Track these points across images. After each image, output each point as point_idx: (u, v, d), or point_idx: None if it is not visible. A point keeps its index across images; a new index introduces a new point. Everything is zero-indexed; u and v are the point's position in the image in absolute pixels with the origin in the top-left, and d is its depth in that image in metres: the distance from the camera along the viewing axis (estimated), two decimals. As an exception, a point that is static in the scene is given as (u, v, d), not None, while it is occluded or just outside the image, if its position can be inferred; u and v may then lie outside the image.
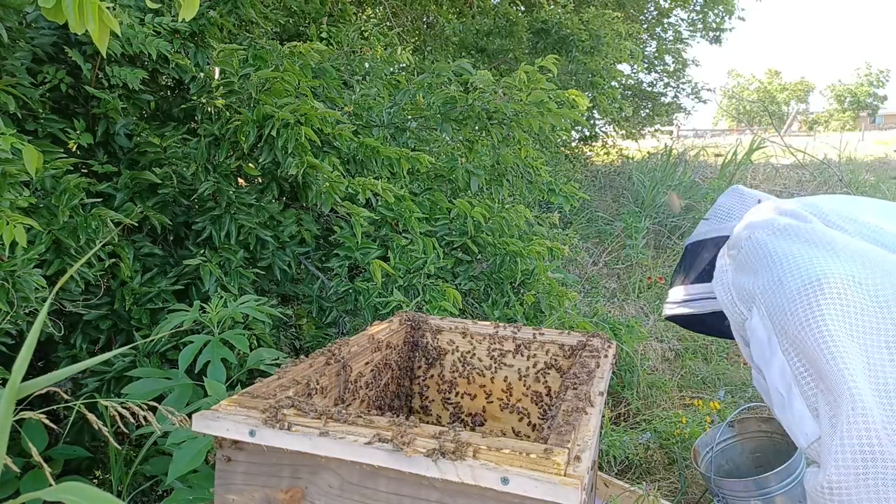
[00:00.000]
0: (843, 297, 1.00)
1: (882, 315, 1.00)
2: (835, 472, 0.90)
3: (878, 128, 34.45)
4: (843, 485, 0.90)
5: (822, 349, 0.96)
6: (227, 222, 2.37)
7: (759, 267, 1.15)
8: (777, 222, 1.19)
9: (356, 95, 3.22)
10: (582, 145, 9.69)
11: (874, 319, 1.00)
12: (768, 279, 1.11)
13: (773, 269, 1.11)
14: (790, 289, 1.05)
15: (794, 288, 1.04)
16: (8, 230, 1.51)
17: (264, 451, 1.04)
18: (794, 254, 1.10)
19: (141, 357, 2.07)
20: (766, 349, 1.09)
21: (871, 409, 0.90)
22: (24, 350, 0.84)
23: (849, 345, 0.97)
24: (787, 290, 1.06)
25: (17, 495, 1.32)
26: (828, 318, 0.98)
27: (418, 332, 1.80)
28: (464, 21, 7.66)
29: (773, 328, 1.07)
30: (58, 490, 0.77)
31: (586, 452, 0.98)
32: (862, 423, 0.89)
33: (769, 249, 1.15)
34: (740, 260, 1.22)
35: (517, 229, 3.10)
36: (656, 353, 4.18)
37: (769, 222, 1.21)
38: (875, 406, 0.91)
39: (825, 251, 1.09)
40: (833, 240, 1.11)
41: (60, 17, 1.24)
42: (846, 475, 0.90)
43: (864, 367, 0.95)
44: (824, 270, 1.04)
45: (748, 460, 2.53)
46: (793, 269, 1.08)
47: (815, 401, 0.98)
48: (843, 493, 0.90)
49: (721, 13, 11.02)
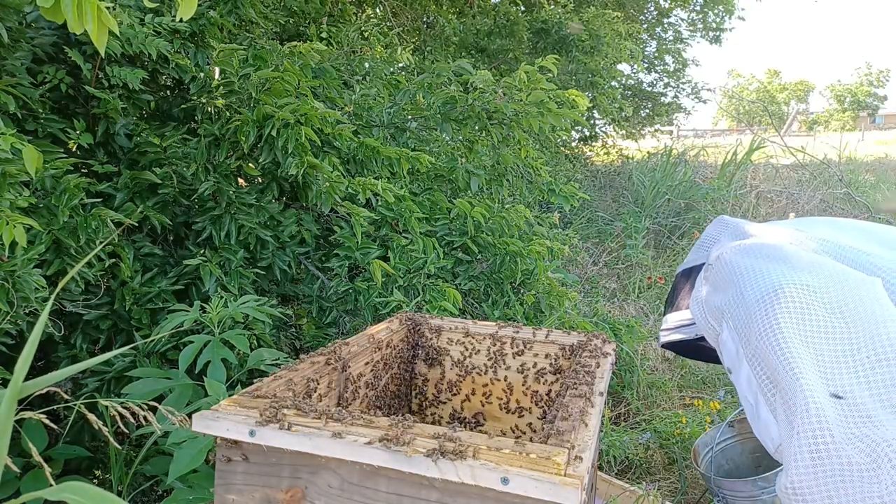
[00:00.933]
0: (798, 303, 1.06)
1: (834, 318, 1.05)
2: (795, 474, 0.93)
3: (878, 128, 34.45)
4: (805, 485, 0.92)
5: (777, 355, 1.01)
6: (227, 222, 2.37)
7: (726, 284, 1.22)
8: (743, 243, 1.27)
9: (356, 95, 3.22)
10: (582, 145, 9.69)
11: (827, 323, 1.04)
12: (733, 294, 1.18)
13: (736, 284, 1.18)
14: (750, 300, 1.12)
15: (754, 299, 1.11)
16: (8, 230, 1.51)
17: (264, 451, 1.04)
18: (754, 268, 1.17)
19: (141, 357, 2.07)
20: (735, 360, 1.14)
21: (824, 410, 0.93)
22: (26, 350, 0.84)
23: (802, 349, 1.01)
24: (747, 302, 1.12)
25: (17, 495, 1.32)
26: (783, 326, 1.04)
27: (418, 332, 1.80)
28: (464, 21, 7.66)
29: (739, 340, 1.13)
30: (59, 489, 0.77)
31: (586, 452, 0.98)
32: (816, 424, 0.92)
33: (734, 266, 1.22)
34: (712, 279, 1.29)
35: (517, 229, 3.10)
36: (656, 353, 4.18)
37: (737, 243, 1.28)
38: (829, 406, 0.94)
39: (782, 264, 1.15)
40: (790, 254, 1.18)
41: (59, 17, 1.24)
42: (806, 475, 0.92)
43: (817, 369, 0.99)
44: (780, 280, 1.10)
45: (748, 460, 2.53)
46: (752, 281, 1.15)
47: (776, 407, 1.01)
48: (805, 493, 0.92)
49: (721, 13, 11.02)
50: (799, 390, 0.95)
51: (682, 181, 7.85)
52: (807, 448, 0.92)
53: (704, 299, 1.29)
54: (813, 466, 0.91)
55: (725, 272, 1.23)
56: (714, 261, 1.29)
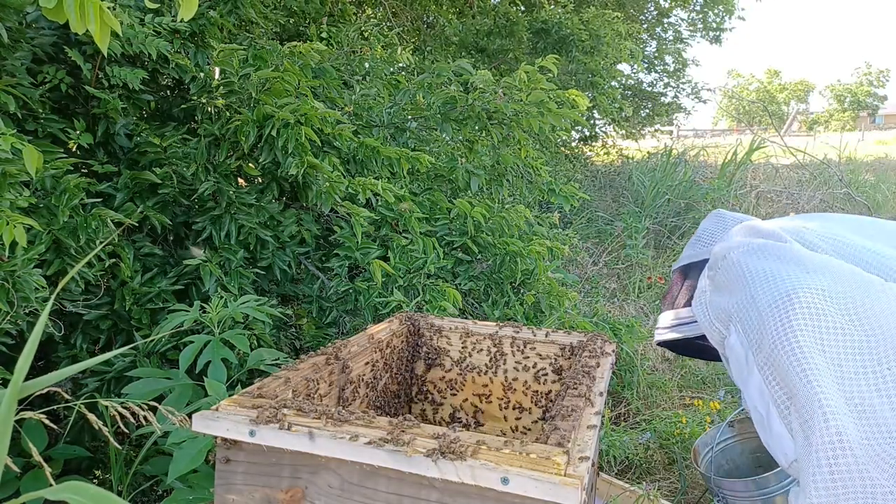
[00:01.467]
0: (814, 309, 1.01)
1: (853, 325, 1.00)
2: (815, 495, 0.90)
3: (878, 128, 34.49)
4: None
5: (794, 366, 0.96)
6: (227, 222, 2.37)
7: (734, 286, 1.17)
8: (752, 243, 1.21)
9: (356, 95, 3.22)
10: (582, 145, 9.69)
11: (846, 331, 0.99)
12: (742, 297, 1.12)
13: (746, 287, 1.13)
14: (763, 304, 1.07)
15: (767, 303, 1.06)
16: (8, 230, 1.51)
17: (264, 451, 1.04)
18: (766, 271, 1.12)
19: (141, 357, 2.07)
20: (744, 368, 1.10)
21: (845, 427, 0.89)
22: (26, 350, 0.84)
23: (820, 360, 0.96)
24: (759, 307, 1.07)
25: (17, 495, 1.32)
26: (799, 334, 0.99)
27: (418, 332, 1.80)
28: (464, 21, 7.66)
29: (749, 345, 1.08)
30: (60, 489, 0.77)
31: (586, 452, 0.98)
32: (837, 443, 0.89)
33: (743, 268, 1.16)
34: (718, 280, 1.24)
35: (517, 229, 3.10)
36: (656, 353, 4.18)
37: (745, 243, 1.23)
38: (850, 423, 0.90)
39: (796, 267, 1.10)
40: (804, 257, 1.12)
41: (61, 17, 1.24)
42: (826, 497, 0.89)
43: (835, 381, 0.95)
44: (794, 285, 1.05)
45: (748, 460, 2.52)
46: (765, 285, 1.09)
47: (790, 420, 0.98)
48: None
49: (721, 13, 11.02)
50: (817, 405, 0.92)
51: (682, 181, 7.85)
52: (826, 467, 0.89)
53: (709, 301, 1.25)
54: (834, 486, 0.88)
55: (733, 273, 1.19)
56: (720, 261, 1.25)
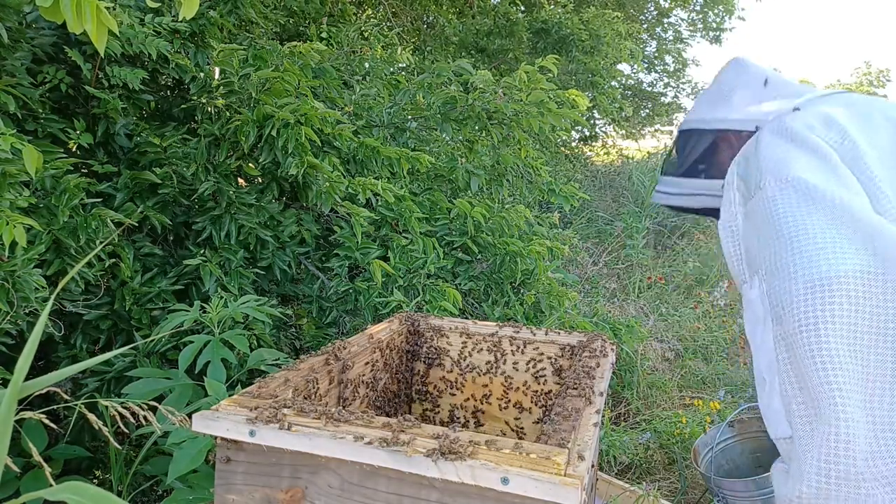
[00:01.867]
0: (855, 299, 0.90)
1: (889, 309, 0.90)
2: (806, 489, 0.90)
3: (878, 128, 34.35)
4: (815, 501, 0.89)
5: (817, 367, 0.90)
6: (227, 222, 2.37)
7: (766, 234, 1.02)
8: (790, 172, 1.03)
9: (356, 95, 3.23)
10: (582, 145, 9.70)
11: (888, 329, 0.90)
12: (774, 258, 0.99)
13: (780, 246, 0.98)
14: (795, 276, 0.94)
15: (803, 281, 0.93)
16: (8, 230, 1.51)
17: (264, 451, 1.04)
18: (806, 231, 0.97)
19: (141, 357, 2.07)
20: (759, 329, 1.02)
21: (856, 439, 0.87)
22: (26, 350, 0.84)
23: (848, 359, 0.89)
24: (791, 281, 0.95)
25: (17, 495, 1.32)
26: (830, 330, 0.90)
27: (418, 332, 1.80)
28: (464, 21, 7.66)
29: (771, 311, 0.98)
30: (59, 489, 0.77)
31: (586, 452, 0.98)
32: (843, 452, 0.87)
33: (780, 216, 1.01)
34: (750, 209, 1.08)
35: (517, 229, 3.10)
36: (656, 353, 4.18)
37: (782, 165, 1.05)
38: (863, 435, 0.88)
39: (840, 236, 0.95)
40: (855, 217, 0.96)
41: (58, 17, 1.24)
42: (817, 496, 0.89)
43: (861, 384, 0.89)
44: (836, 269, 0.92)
45: (748, 460, 2.52)
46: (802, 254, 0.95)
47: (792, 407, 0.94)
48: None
49: (721, 13, 11.02)
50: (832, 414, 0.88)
51: (682, 181, 7.83)
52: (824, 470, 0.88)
53: (742, 234, 1.10)
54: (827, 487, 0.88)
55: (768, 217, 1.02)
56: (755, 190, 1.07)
